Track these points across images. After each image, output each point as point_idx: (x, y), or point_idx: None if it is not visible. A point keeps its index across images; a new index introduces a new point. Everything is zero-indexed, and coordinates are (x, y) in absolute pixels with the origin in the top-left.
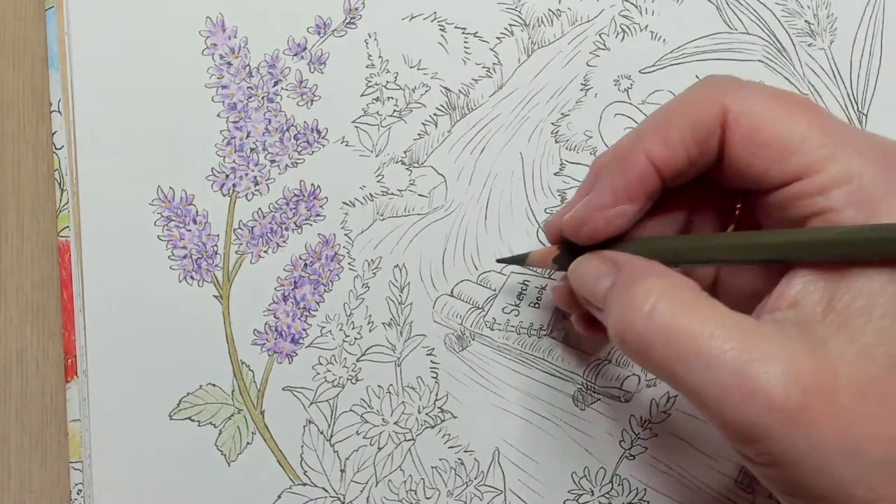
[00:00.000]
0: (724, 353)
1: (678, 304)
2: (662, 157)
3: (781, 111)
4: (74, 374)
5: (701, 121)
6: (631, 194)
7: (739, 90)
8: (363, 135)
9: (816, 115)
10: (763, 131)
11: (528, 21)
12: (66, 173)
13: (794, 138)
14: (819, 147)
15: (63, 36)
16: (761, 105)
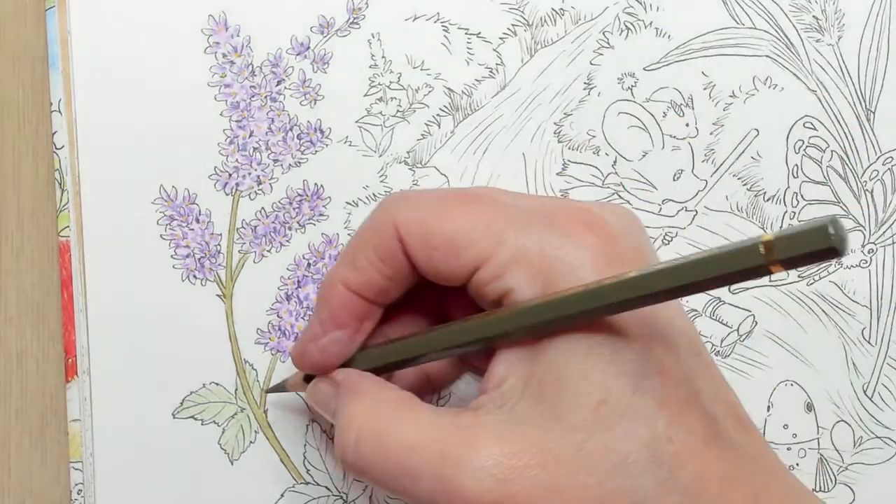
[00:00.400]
0: (425, 463)
1: (379, 425)
2: (358, 282)
3: (445, 212)
4: (75, 374)
5: (381, 242)
6: (339, 322)
7: (406, 204)
8: (366, 135)
9: (479, 205)
10: (432, 236)
11: (531, 21)
12: (67, 173)
13: (460, 235)
14: (484, 237)
15: (65, 35)
16: (426, 212)
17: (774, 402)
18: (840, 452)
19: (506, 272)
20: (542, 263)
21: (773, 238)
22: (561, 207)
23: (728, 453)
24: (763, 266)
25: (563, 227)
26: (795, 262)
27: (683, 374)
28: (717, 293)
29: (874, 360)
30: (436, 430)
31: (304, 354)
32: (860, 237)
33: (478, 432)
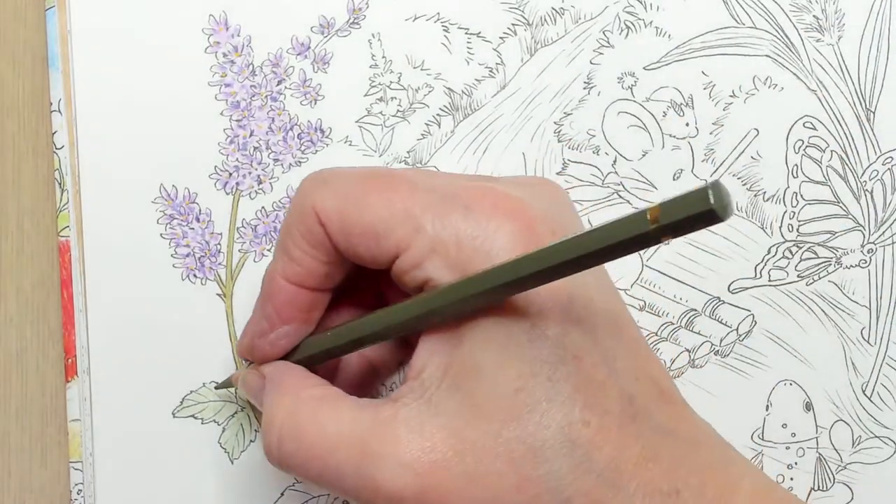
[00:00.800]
0: (346, 461)
1: (300, 424)
2: (297, 274)
3: (363, 199)
4: (74, 374)
5: (307, 230)
6: (285, 317)
7: (324, 188)
8: (367, 134)
9: (397, 191)
10: (351, 224)
11: (531, 20)
12: (67, 173)
13: (378, 223)
14: (402, 225)
15: (65, 35)
16: (343, 198)
17: (773, 402)
18: (839, 452)
19: (424, 261)
20: (459, 253)
21: (658, 205)
22: (479, 191)
23: (646, 431)
24: (651, 232)
25: (480, 213)
26: (680, 227)
27: (601, 356)
28: (717, 293)
29: (873, 359)
30: (355, 426)
31: (253, 349)
32: (859, 237)
33: (396, 427)
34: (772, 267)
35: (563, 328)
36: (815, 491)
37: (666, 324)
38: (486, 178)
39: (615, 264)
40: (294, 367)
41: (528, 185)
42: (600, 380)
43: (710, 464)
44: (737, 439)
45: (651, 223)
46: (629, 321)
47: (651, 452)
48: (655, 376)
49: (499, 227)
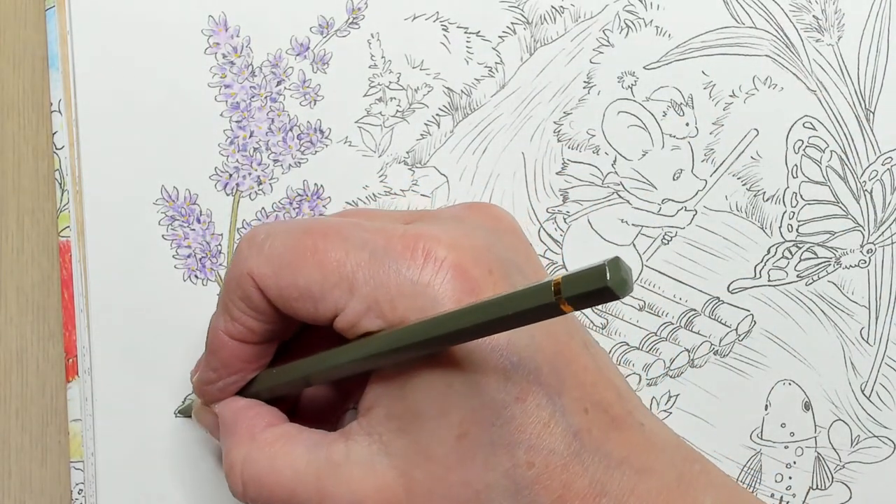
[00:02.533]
0: (308, 502)
1: (259, 471)
2: (239, 332)
3: (296, 263)
4: (75, 374)
5: (245, 294)
6: (231, 369)
7: (258, 255)
8: (366, 135)
9: (328, 252)
10: (287, 290)
11: (530, 19)
12: (67, 173)
13: (313, 286)
14: (336, 287)
15: (65, 35)
16: (277, 264)
17: (772, 401)
18: (837, 451)
19: (361, 320)
20: (393, 311)
21: (560, 278)
22: (411, 240)
23: (592, 465)
24: (553, 304)
25: (412, 266)
26: (580, 301)
27: (545, 394)
28: (717, 292)
29: (872, 359)
30: (311, 468)
31: (204, 394)
32: (859, 237)
33: (350, 467)
34: (771, 267)
35: (504, 372)
36: (814, 490)
37: (666, 324)
38: (422, 217)
39: None
40: (246, 404)
41: (464, 219)
42: (545, 419)
43: (662, 490)
44: (736, 439)
45: (554, 294)
46: (579, 347)
47: (599, 487)
48: (606, 404)
49: (431, 280)
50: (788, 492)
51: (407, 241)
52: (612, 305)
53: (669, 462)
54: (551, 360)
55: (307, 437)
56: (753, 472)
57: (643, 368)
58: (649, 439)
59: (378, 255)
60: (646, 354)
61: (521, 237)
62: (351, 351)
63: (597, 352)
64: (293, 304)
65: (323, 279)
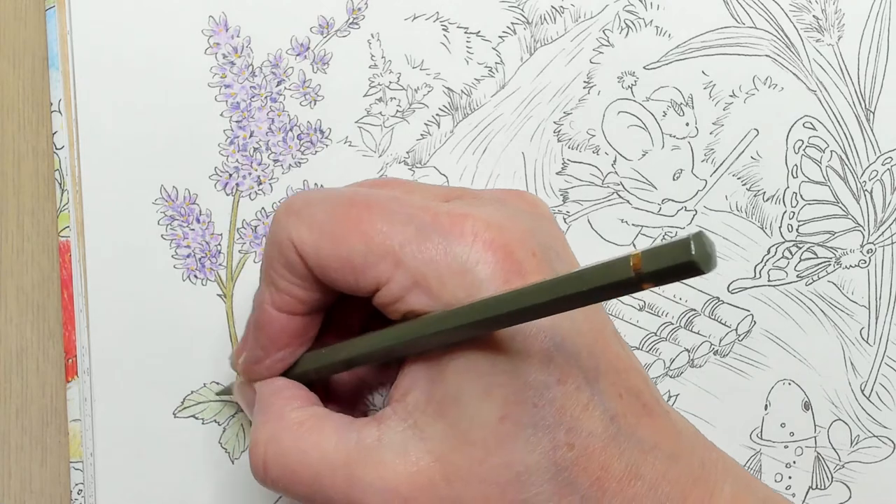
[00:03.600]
0: (332, 486)
1: (284, 450)
2: (287, 303)
3: (338, 232)
4: (75, 374)
5: (287, 262)
6: (280, 345)
7: (298, 221)
8: (366, 135)
9: (372, 222)
10: (328, 259)
11: (530, 19)
12: (67, 173)
13: (356, 257)
14: (381, 260)
15: (65, 35)
16: (318, 232)
17: (772, 401)
18: (837, 451)
19: (406, 295)
20: (441, 287)
21: (640, 253)
22: (458, 218)
23: (628, 449)
24: (633, 279)
25: (460, 244)
26: (662, 277)
27: (584, 377)
28: (717, 292)
29: (872, 359)
30: (340, 450)
31: (251, 373)
32: (859, 237)
33: (381, 451)
34: (771, 267)
35: (547, 354)
36: (814, 490)
37: (665, 324)
38: (462, 195)
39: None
40: (284, 384)
41: (505, 201)
42: (584, 402)
43: (690, 475)
44: (736, 438)
45: (633, 270)
46: (611, 335)
47: (634, 470)
48: (638, 390)
49: (480, 259)
50: (788, 491)
51: (454, 218)
52: (612, 305)
53: (692, 449)
54: (590, 345)
55: (337, 421)
56: (753, 471)
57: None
58: (675, 426)
59: (426, 231)
60: (646, 354)
61: (556, 224)
62: (402, 332)
63: (624, 342)
64: (332, 274)
65: (367, 250)
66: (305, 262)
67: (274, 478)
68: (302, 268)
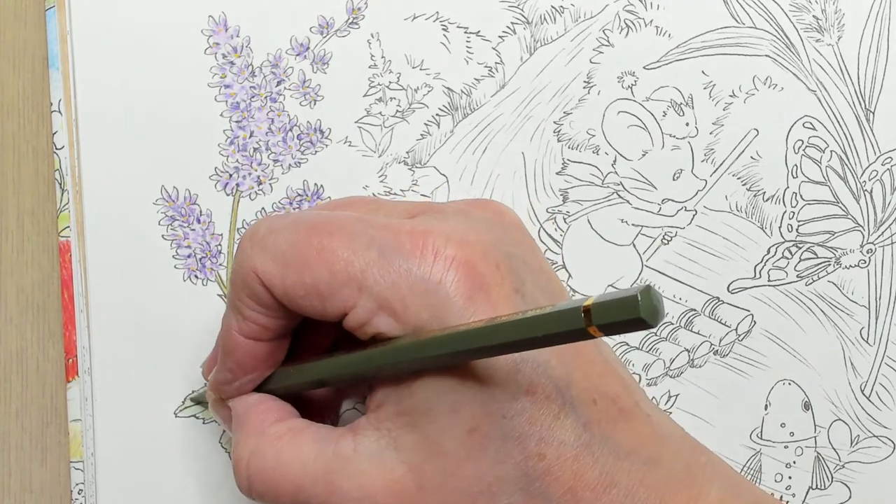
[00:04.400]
0: (314, 497)
1: (265, 464)
2: (252, 331)
3: (302, 260)
4: (75, 374)
5: (253, 292)
6: (246, 369)
7: (262, 251)
8: (366, 135)
9: (335, 249)
10: (293, 286)
11: (530, 19)
12: (67, 173)
13: (321, 284)
14: (344, 287)
15: (65, 35)
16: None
17: (772, 401)
18: (837, 451)
19: (372, 318)
20: (405, 309)
21: (591, 304)
22: (419, 237)
23: (602, 456)
24: (583, 330)
25: (422, 264)
26: (610, 329)
27: (554, 386)
28: (717, 292)
29: (872, 359)
30: (319, 462)
31: (221, 392)
32: (859, 237)
33: (359, 461)
34: (771, 267)
35: (514, 366)
36: (814, 490)
37: (665, 323)
38: (427, 210)
39: (615, 263)
40: (258, 399)
41: (468, 213)
42: (554, 411)
43: (671, 479)
44: (736, 438)
45: (584, 320)
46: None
47: (609, 477)
48: (614, 395)
49: (441, 278)
50: (788, 491)
51: (415, 237)
52: None
53: (676, 453)
54: (559, 353)
55: (314, 432)
56: (753, 471)
57: (643, 368)
58: (656, 430)
59: (387, 254)
60: (646, 354)
61: (524, 232)
62: (371, 358)
63: (602, 344)
64: (299, 302)
65: (331, 278)
66: (271, 292)
67: (259, 492)
68: (267, 297)
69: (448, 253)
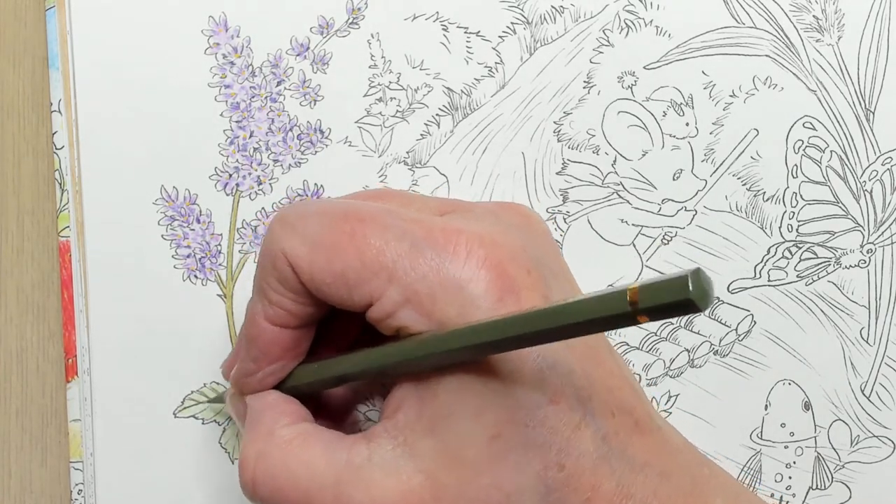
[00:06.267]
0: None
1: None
2: (279, 316)
3: (332, 246)
4: (75, 374)
5: (280, 275)
6: (271, 358)
7: (292, 233)
8: (366, 135)
9: (366, 237)
10: (321, 273)
11: (530, 19)
12: (67, 173)
13: (349, 272)
14: (375, 275)
15: (65, 35)
16: (311, 245)
17: (772, 401)
18: (837, 451)
19: (398, 311)
20: (433, 304)
21: (637, 287)
22: (452, 234)
23: (619, 468)
24: (629, 313)
25: (453, 261)
26: (658, 313)
27: (576, 397)
28: (717, 293)
29: (872, 359)
30: (330, 470)
31: (242, 386)
32: (859, 237)
33: (371, 470)
34: (771, 267)
35: (539, 373)
36: (814, 490)
37: (665, 323)
38: (457, 208)
39: (615, 263)
40: (275, 399)
41: (499, 216)
42: (576, 422)
43: (681, 492)
44: (736, 439)
45: (630, 304)
46: (605, 350)
47: (625, 490)
48: (630, 407)
49: (473, 276)
50: (788, 492)
51: (448, 234)
52: None
53: (684, 465)
54: (583, 363)
55: (326, 438)
56: (753, 472)
57: (643, 368)
58: (667, 443)
59: (419, 247)
60: (646, 354)
61: (550, 239)
62: (394, 352)
63: (618, 356)
64: (325, 289)
65: (361, 266)
66: (298, 276)
67: (263, 495)
68: (295, 281)
69: (480, 253)
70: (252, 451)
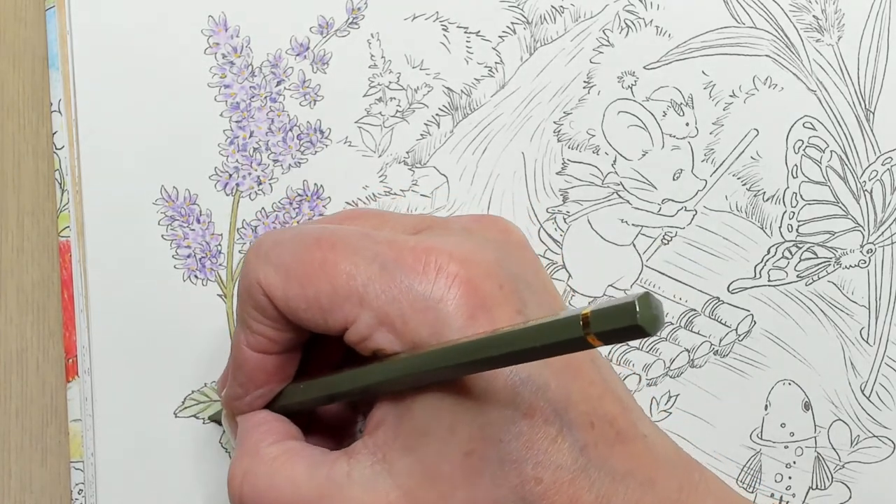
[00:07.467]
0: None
1: (258, 486)
2: (261, 344)
3: (305, 274)
4: (75, 374)
5: (258, 304)
6: (257, 383)
7: (266, 263)
8: (366, 135)
9: (337, 263)
10: (296, 298)
11: (530, 19)
12: (67, 173)
13: (322, 298)
14: (345, 301)
15: (65, 35)
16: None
17: (772, 401)
18: (837, 451)
19: (372, 333)
20: (405, 325)
21: (590, 312)
22: (422, 253)
23: (599, 479)
24: (581, 339)
25: (424, 281)
26: (608, 337)
27: (553, 409)
28: (717, 292)
29: (872, 359)
30: (312, 487)
31: (232, 408)
32: (859, 237)
33: (351, 487)
34: (771, 267)
35: (512, 388)
36: (814, 490)
37: (666, 323)
38: (432, 225)
39: (615, 263)
40: (263, 418)
41: (473, 231)
42: (552, 434)
43: (666, 499)
44: (736, 439)
45: (583, 328)
46: (584, 362)
47: (605, 501)
48: (612, 417)
49: (443, 296)
50: (788, 492)
51: (418, 254)
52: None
53: (671, 472)
54: (558, 375)
55: (309, 455)
56: (753, 472)
57: (643, 368)
58: (652, 451)
59: (389, 269)
60: (646, 354)
61: (529, 251)
62: (370, 373)
63: (602, 364)
64: (301, 315)
65: (333, 292)
66: (275, 304)
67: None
68: (272, 310)
69: (451, 270)
70: (239, 468)
